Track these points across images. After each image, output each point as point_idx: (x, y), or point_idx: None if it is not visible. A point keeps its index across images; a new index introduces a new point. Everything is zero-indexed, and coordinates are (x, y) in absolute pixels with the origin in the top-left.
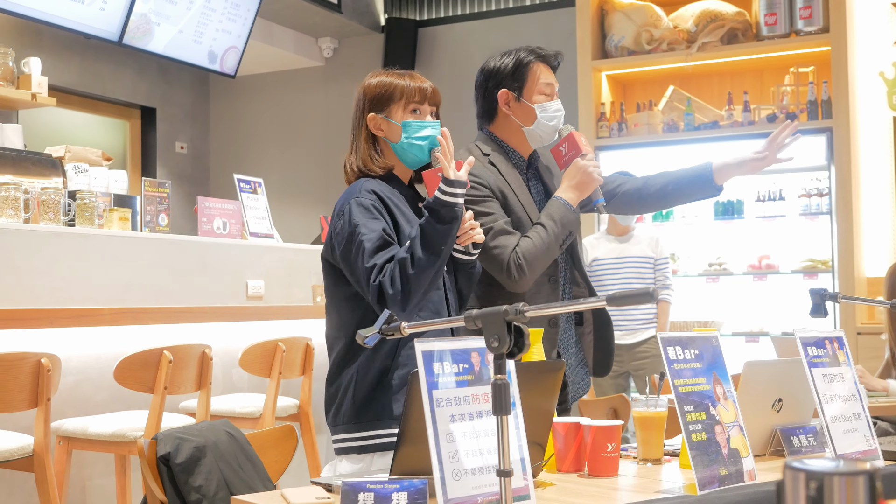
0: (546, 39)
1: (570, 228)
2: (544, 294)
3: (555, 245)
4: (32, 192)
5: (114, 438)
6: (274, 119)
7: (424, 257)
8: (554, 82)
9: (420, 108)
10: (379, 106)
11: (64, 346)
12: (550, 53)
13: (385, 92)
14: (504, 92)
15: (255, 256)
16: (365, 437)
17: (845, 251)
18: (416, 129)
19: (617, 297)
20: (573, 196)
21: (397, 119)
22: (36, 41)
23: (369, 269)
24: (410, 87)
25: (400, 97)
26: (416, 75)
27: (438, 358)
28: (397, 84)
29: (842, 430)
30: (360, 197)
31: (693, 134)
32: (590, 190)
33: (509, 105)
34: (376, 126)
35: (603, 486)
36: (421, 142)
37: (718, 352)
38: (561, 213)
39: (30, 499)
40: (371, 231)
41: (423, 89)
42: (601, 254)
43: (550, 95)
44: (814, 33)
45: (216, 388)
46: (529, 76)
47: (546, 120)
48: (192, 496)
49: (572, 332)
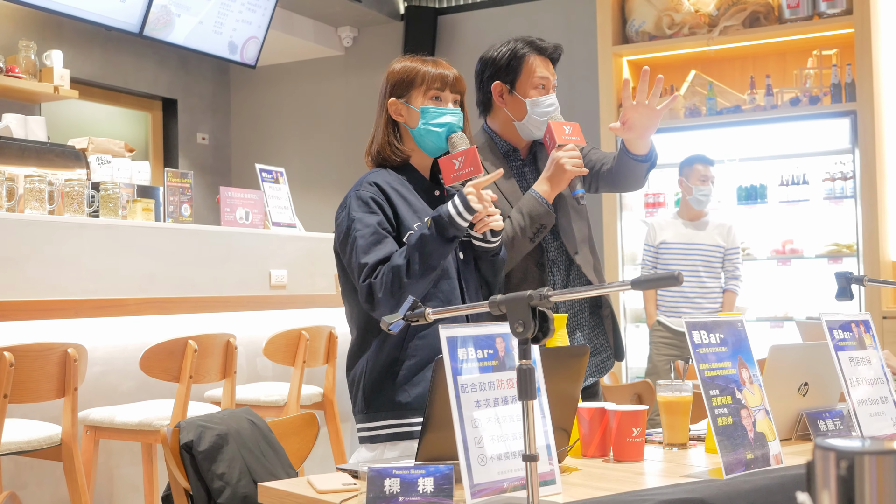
0: (566, 25)
1: (540, 221)
2: (531, 279)
3: (521, 237)
4: (57, 183)
5: (140, 427)
6: (295, 108)
7: (420, 269)
8: (550, 76)
9: (441, 94)
10: (400, 91)
11: (90, 337)
12: (548, 46)
13: (406, 77)
14: (497, 84)
15: (277, 246)
16: (375, 427)
17: (870, 235)
18: (434, 116)
19: (642, 281)
20: (546, 188)
21: (417, 105)
22: (57, 34)
23: (361, 266)
24: (432, 73)
25: (421, 83)
26: (440, 62)
27: (463, 344)
28: (419, 69)
29: (869, 414)
30: (360, 189)
31: (715, 119)
32: (563, 182)
33: (503, 97)
34: (396, 111)
35: (628, 471)
36: (438, 128)
37: (744, 336)
38: (530, 205)
39: (58, 487)
40: (365, 226)
41: (445, 76)
42: (669, 237)
43: (546, 89)
44: (837, 15)
45: (241, 377)
46: (524, 69)
47: (537, 115)
48: (215, 483)
49: (586, 314)
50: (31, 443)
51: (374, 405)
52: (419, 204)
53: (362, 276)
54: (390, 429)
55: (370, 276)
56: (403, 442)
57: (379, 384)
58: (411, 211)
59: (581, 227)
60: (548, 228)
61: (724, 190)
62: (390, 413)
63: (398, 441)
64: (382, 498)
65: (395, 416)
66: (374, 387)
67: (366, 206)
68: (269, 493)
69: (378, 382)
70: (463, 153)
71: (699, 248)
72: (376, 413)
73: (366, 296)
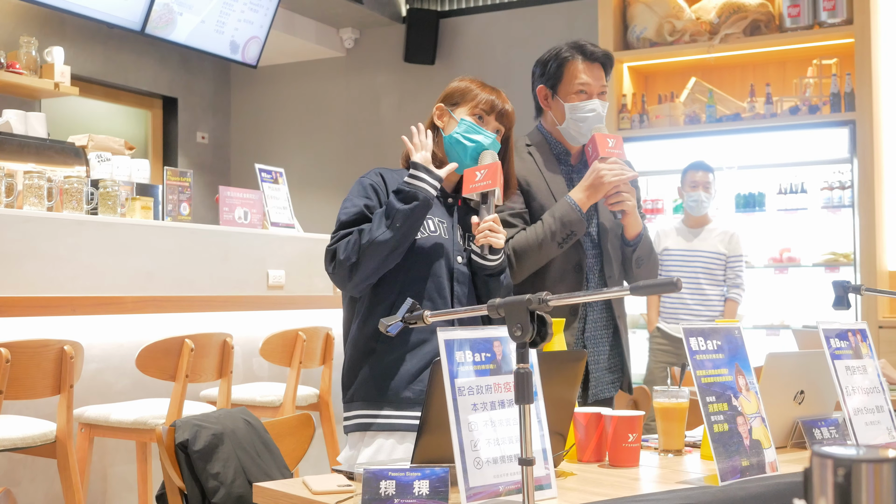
0: (568, 30)
1: (571, 228)
2: (568, 282)
3: (549, 241)
4: (55, 180)
5: (135, 426)
6: (295, 109)
7: (378, 231)
8: (593, 81)
9: (486, 117)
10: (451, 100)
11: (86, 334)
12: (596, 51)
13: (462, 91)
14: (541, 88)
15: (276, 246)
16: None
17: (867, 244)
18: (470, 130)
19: (640, 287)
20: (582, 196)
21: (458, 115)
22: (59, 30)
23: (333, 235)
24: (484, 97)
25: (472, 100)
26: (500, 93)
27: (461, 347)
28: (475, 90)
29: (864, 423)
30: (364, 177)
31: (715, 126)
32: (599, 193)
33: (547, 101)
34: (440, 115)
35: (624, 477)
36: (468, 142)
37: (741, 343)
38: (563, 211)
39: (52, 485)
40: (353, 206)
41: (494, 102)
42: (671, 244)
43: (589, 95)
44: (837, 25)
45: (237, 377)
46: (566, 74)
47: (576, 120)
48: (210, 483)
49: (609, 332)
50: (25, 440)
51: (348, 395)
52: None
53: (330, 241)
54: (357, 419)
55: (337, 241)
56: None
57: (354, 374)
58: None
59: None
60: (578, 236)
61: (722, 197)
62: (360, 404)
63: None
64: (378, 500)
65: (364, 406)
66: (350, 376)
67: (362, 191)
68: (264, 493)
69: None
70: (487, 166)
71: (700, 255)
72: (349, 403)
73: (329, 259)
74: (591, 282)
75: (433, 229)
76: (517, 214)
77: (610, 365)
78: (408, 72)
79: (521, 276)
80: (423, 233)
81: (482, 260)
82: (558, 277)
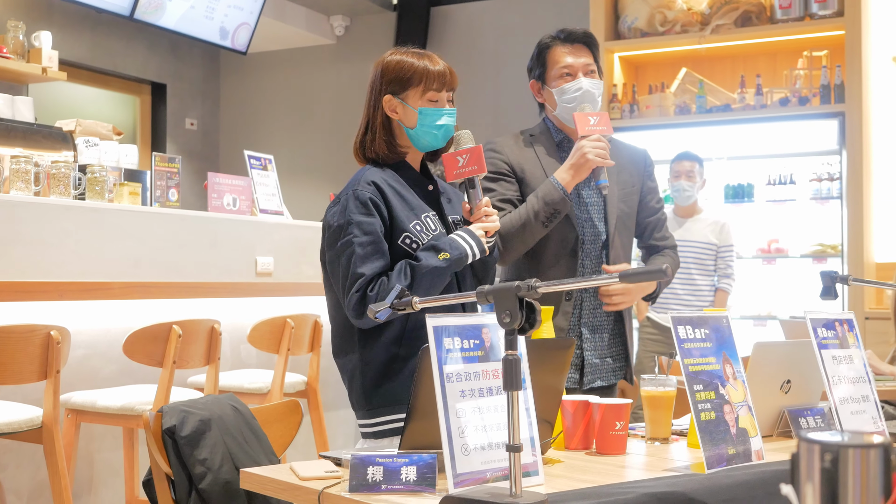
0: (559, 20)
1: (554, 207)
2: (562, 267)
3: (533, 221)
4: (43, 165)
5: (122, 412)
6: (285, 96)
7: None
8: (574, 61)
9: (438, 95)
10: (396, 88)
11: (73, 320)
12: (574, 31)
13: (403, 75)
14: (532, 82)
15: (264, 233)
16: (377, 423)
17: (855, 236)
18: (433, 118)
19: (630, 274)
20: (566, 176)
21: (414, 104)
22: (47, 15)
23: (357, 275)
24: (431, 72)
25: (419, 82)
26: (434, 57)
27: (449, 333)
28: (417, 67)
29: (850, 412)
30: (359, 189)
31: (705, 117)
32: (584, 171)
33: (540, 93)
34: (391, 108)
35: (611, 464)
36: (436, 131)
37: (729, 332)
38: (545, 190)
39: (38, 471)
40: (364, 234)
41: (443, 74)
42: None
43: (573, 76)
44: (828, 17)
45: (225, 364)
46: (549, 61)
47: (565, 103)
48: (197, 469)
49: (610, 319)
50: (11, 425)
51: (375, 401)
52: (415, 200)
53: (356, 285)
54: (393, 423)
55: (366, 288)
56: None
57: (378, 380)
58: (408, 208)
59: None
60: (562, 215)
61: (711, 188)
62: (392, 408)
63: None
64: (365, 485)
65: (397, 410)
66: (374, 383)
67: (364, 209)
68: (252, 479)
69: (377, 378)
70: (468, 151)
71: (690, 244)
72: (377, 409)
73: (356, 305)
74: (587, 268)
75: (434, 228)
76: (507, 200)
77: (612, 353)
78: None
79: (510, 258)
80: (428, 234)
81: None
82: (552, 262)
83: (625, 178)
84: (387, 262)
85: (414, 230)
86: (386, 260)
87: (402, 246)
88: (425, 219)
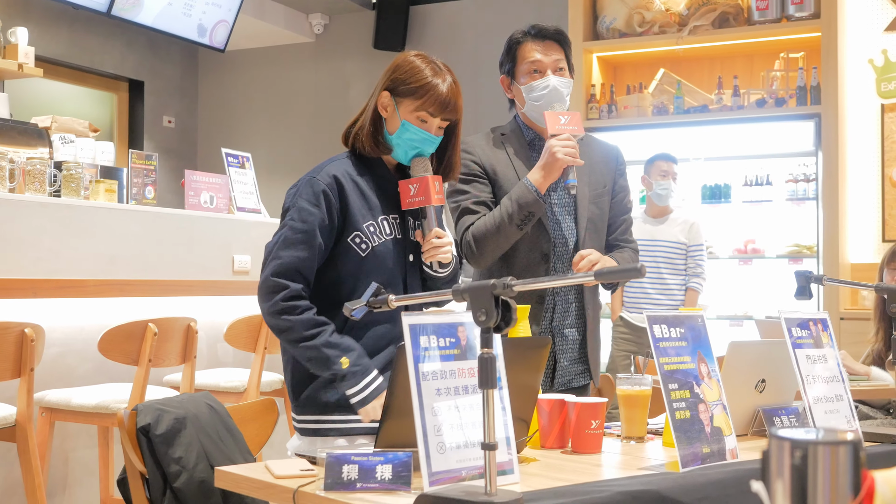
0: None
1: (528, 209)
2: (534, 272)
3: (507, 224)
4: (18, 161)
5: (97, 410)
6: (263, 94)
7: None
8: (544, 57)
9: (430, 119)
10: (397, 88)
11: (48, 317)
12: (546, 28)
13: (409, 81)
14: (503, 78)
15: (241, 231)
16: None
17: (830, 237)
18: (411, 137)
19: (604, 273)
20: (538, 176)
21: (403, 113)
22: (24, 11)
23: (274, 256)
24: (433, 94)
25: (419, 96)
26: (450, 81)
27: (425, 332)
28: (424, 81)
29: (824, 411)
30: (317, 177)
31: (682, 117)
32: (555, 171)
33: (510, 89)
34: (383, 104)
35: (586, 463)
36: (409, 149)
37: (704, 331)
38: (519, 192)
39: (12, 469)
40: (302, 221)
41: (444, 102)
42: (634, 234)
43: (542, 73)
44: (805, 19)
45: (201, 362)
46: (518, 56)
47: (533, 100)
48: (172, 467)
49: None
50: None
51: (300, 401)
52: (374, 201)
53: (271, 267)
54: (314, 424)
55: (278, 275)
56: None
57: (305, 379)
58: (366, 207)
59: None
60: (536, 216)
61: (688, 188)
62: (314, 409)
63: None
64: (340, 484)
65: (320, 411)
66: (300, 383)
67: (314, 199)
68: (227, 477)
69: (304, 377)
70: (418, 180)
71: (661, 244)
72: (303, 407)
73: (266, 289)
74: (559, 271)
75: (389, 233)
76: (481, 202)
77: (580, 356)
78: (377, 59)
79: (485, 261)
80: (381, 238)
81: (436, 273)
82: (524, 266)
83: (596, 179)
84: (311, 255)
85: (367, 230)
86: (311, 252)
87: (351, 244)
88: (381, 221)
